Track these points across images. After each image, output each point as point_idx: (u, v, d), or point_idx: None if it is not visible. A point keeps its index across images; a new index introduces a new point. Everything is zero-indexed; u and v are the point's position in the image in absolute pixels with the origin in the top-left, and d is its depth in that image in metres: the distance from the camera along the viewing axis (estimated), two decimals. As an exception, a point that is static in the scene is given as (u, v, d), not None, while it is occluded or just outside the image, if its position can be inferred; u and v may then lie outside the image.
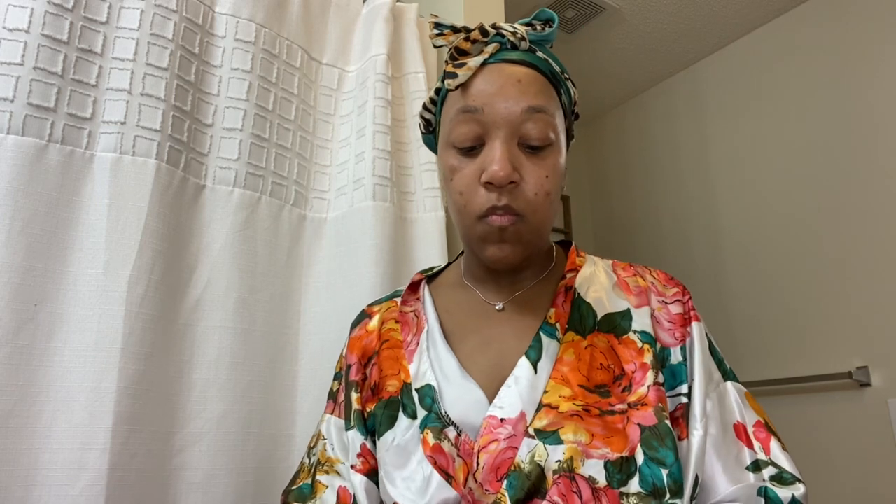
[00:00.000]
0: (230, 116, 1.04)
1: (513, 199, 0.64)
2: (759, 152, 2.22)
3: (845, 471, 1.84)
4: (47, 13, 0.86)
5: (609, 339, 0.68)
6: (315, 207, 1.14)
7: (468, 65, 0.67)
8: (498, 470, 0.60)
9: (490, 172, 0.63)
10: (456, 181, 0.67)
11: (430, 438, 0.64)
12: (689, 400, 0.65)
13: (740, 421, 0.66)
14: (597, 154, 2.93)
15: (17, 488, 0.76)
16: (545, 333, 0.67)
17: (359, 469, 0.71)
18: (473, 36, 0.68)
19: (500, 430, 0.61)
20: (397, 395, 0.70)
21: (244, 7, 1.08)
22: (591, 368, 0.65)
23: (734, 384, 0.69)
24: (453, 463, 0.62)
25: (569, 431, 0.60)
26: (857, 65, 1.97)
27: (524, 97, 0.65)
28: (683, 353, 0.68)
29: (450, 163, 0.68)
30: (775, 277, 2.11)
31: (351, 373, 0.77)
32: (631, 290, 0.72)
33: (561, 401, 0.62)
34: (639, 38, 2.34)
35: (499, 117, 0.65)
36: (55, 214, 0.84)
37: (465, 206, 0.66)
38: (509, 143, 0.65)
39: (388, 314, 0.79)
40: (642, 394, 0.63)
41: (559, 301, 0.70)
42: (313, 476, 0.75)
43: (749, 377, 2.10)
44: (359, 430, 0.73)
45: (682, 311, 0.70)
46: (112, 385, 0.82)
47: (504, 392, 0.63)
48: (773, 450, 0.65)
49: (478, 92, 0.66)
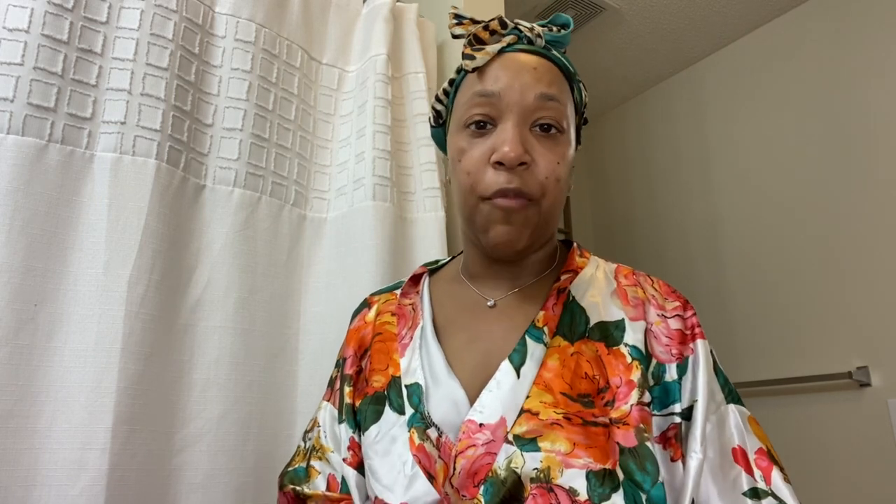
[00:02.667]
0: (230, 116, 1.04)
1: (523, 183, 0.63)
2: (758, 152, 2.22)
3: (845, 471, 1.84)
4: (47, 13, 0.86)
5: (598, 347, 0.65)
6: (315, 207, 1.14)
7: (486, 49, 0.67)
8: (475, 476, 0.58)
9: (501, 152, 0.63)
10: (464, 162, 0.66)
11: (416, 438, 0.63)
12: (689, 420, 0.63)
13: (740, 445, 0.63)
14: (597, 154, 2.93)
15: (17, 488, 0.76)
16: (531, 337, 0.65)
17: (349, 462, 0.72)
18: (493, 26, 0.69)
19: (479, 436, 0.60)
20: (383, 390, 0.69)
21: (244, 7, 1.08)
22: (574, 377, 0.63)
23: (738, 407, 0.66)
24: (435, 464, 0.61)
25: (547, 440, 0.58)
26: (857, 65, 1.97)
27: (539, 84, 0.66)
28: (680, 371, 0.64)
29: (459, 145, 0.67)
30: (775, 277, 2.11)
31: (346, 366, 0.77)
32: (629, 301, 0.69)
33: (542, 407, 0.60)
34: (639, 38, 2.34)
35: (512, 101, 0.65)
36: (55, 214, 0.84)
37: (472, 187, 0.65)
38: (521, 127, 0.65)
39: (386, 306, 0.79)
40: (625, 412, 0.61)
41: (550, 304, 0.68)
42: (308, 460, 0.76)
43: (749, 377, 2.10)
44: (349, 424, 0.73)
45: (682, 328, 0.67)
46: (112, 385, 0.82)
47: (485, 396, 0.62)
48: (775, 480, 0.61)
49: (494, 77, 0.66)
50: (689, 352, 0.66)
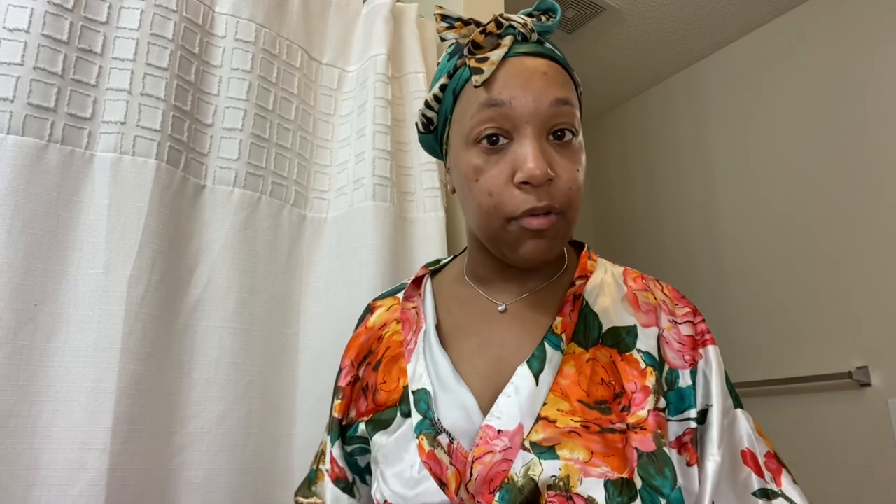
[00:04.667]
0: (230, 116, 1.04)
1: (551, 198, 0.61)
2: (758, 152, 2.22)
3: (845, 471, 1.84)
4: (47, 13, 0.86)
5: (612, 353, 0.65)
6: (315, 207, 1.14)
7: (490, 59, 0.63)
8: (491, 482, 0.58)
9: (527, 171, 0.59)
10: (483, 182, 0.62)
11: (426, 445, 0.62)
12: (704, 425, 0.63)
13: (749, 448, 0.64)
14: (597, 154, 2.93)
15: (17, 488, 0.76)
16: (550, 344, 0.64)
17: (331, 475, 0.73)
18: (490, 28, 0.65)
19: (497, 442, 0.59)
20: (395, 406, 0.68)
21: (244, 7, 1.08)
22: (591, 383, 0.62)
23: (744, 413, 0.67)
24: (447, 471, 0.60)
25: (565, 448, 0.58)
26: (857, 65, 1.97)
27: (551, 89, 0.62)
28: (693, 376, 0.65)
29: (473, 163, 0.63)
30: (775, 277, 2.11)
31: (340, 377, 0.77)
32: (640, 307, 0.69)
33: (559, 415, 0.60)
34: (639, 38, 2.34)
35: (527, 111, 0.61)
36: (55, 214, 0.84)
37: (496, 208, 0.62)
38: (540, 140, 0.62)
39: (391, 314, 0.77)
40: (641, 417, 0.61)
41: (566, 310, 0.67)
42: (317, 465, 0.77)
43: (749, 377, 2.10)
44: (331, 436, 0.74)
45: (693, 333, 0.67)
46: (112, 385, 0.82)
47: (503, 402, 0.61)
48: (784, 483, 0.63)
49: (503, 85, 0.62)
50: (700, 357, 0.66)
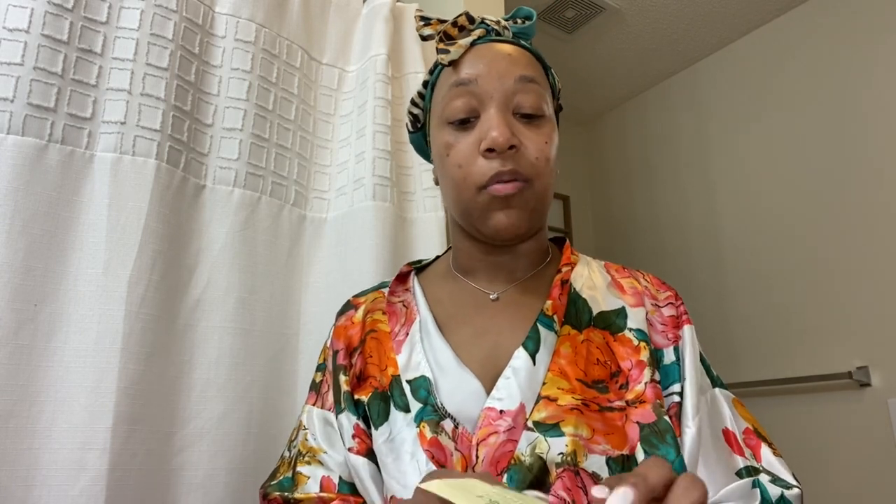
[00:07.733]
0: (230, 116, 1.04)
1: (517, 164, 0.64)
2: (758, 152, 2.22)
3: (845, 471, 1.84)
4: (47, 13, 0.86)
5: (604, 335, 0.67)
6: (315, 207, 1.14)
7: (459, 42, 0.69)
8: (498, 463, 0.59)
9: (490, 138, 0.63)
10: (452, 156, 0.67)
11: (427, 432, 0.62)
12: (681, 399, 0.65)
13: (730, 427, 0.66)
14: (597, 154, 2.93)
15: (17, 488, 0.76)
16: (542, 325, 0.65)
17: (356, 451, 0.68)
18: (460, 22, 0.71)
19: (500, 423, 0.60)
20: (386, 390, 0.68)
21: (244, 7, 1.08)
22: (588, 363, 0.64)
23: (722, 391, 0.69)
24: (451, 457, 0.61)
25: (569, 424, 0.59)
26: (856, 65, 1.97)
27: (515, 67, 0.67)
28: (676, 353, 0.67)
29: (444, 140, 0.68)
30: (775, 277, 2.11)
31: (338, 357, 0.75)
32: (626, 291, 0.72)
33: (560, 393, 0.61)
34: (639, 38, 2.34)
35: (491, 87, 0.66)
36: (55, 214, 0.84)
37: (465, 179, 0.66)
38: (504, 112, 0.66)
39: (374, 305, 0.77)
40: (640, 391, 0.63)
41: (555, 293, 0.69)
42: (294, 468, 0.73)
43: (748, 377, 2.10)
44: (350, 411, 0.70)
45: (675, 314, 0.70)
46: (112, 385, 0.82)
47: (502, 383, 0.62)
48: (765, 456, 0.65)
49: (470, 66, 0.68)
50: (680, 337, 0.69)
